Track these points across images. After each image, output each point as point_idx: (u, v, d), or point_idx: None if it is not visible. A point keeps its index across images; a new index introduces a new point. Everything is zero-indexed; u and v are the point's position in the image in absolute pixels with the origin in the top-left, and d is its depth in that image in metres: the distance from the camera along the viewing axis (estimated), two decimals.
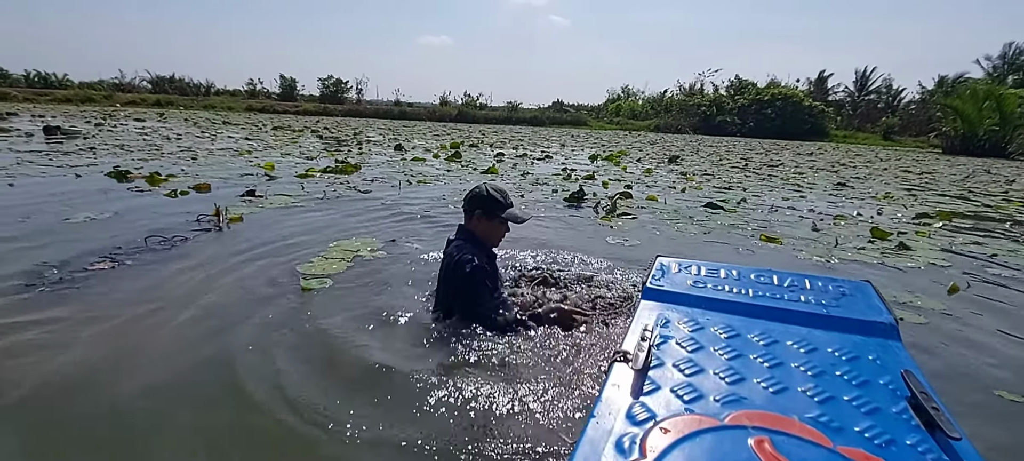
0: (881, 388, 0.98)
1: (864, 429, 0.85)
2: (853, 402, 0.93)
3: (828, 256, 3.60)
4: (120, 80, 39.11)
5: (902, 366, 1.04)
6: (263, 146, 10.01)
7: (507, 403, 1.53)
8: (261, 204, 4.35)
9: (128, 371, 1.67)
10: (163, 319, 2.05)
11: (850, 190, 7.64)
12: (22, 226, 3.31)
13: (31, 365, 1.67)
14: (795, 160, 13.76)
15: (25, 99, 28.93)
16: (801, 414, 0.89)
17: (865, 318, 1.27)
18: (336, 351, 1.85)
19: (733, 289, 1.43)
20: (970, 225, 5.17)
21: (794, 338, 1.17)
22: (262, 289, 2.39)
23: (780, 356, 1.09)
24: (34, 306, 2.10)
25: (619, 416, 0.87)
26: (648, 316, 1.28)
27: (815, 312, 1.30)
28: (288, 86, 40.69)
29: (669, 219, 4.65)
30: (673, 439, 0.81)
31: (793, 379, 1.00)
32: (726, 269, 1.59)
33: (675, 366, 1.04)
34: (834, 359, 1.09)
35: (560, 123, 37.15)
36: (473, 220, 2.13)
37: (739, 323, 1.25)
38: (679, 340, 1.15)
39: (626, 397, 0.93)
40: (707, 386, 0.97)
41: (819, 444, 0.81)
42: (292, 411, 1.48)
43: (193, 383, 1.63)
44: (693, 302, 1.37)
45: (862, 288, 1.47)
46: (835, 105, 38.88)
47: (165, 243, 3.02)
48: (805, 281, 1.51)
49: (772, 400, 0.93)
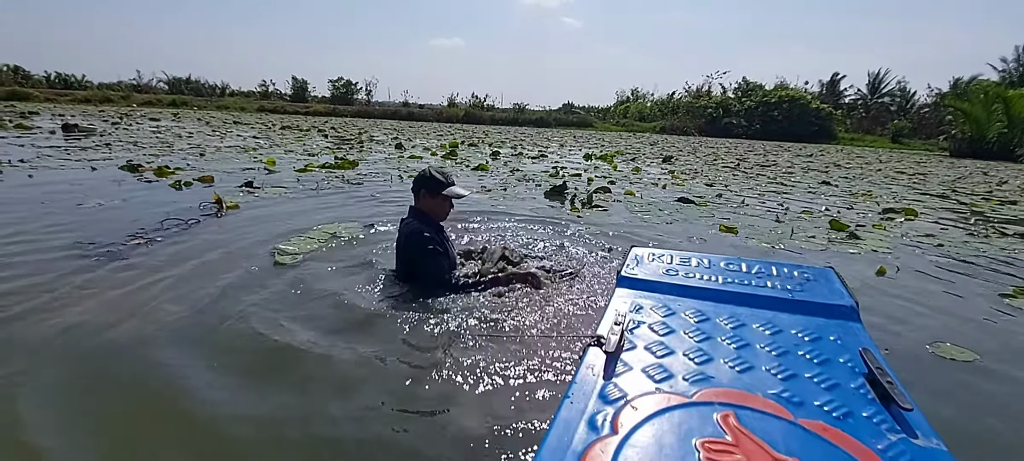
0: (841, 366, 1.04)
1: (824, 403, 0.90)
2: (814, 379, 0.98)
3: (774, 244, 3.86)
4: (138, 81, 40.20)
5: (861, 345, 1.10)
6: (269, 144, 10.43)
7: (479, 383, 1.60)
8: (257, 195, 4.71)
9: (152, 320, 2.01)
10: (176, 282, 2.40)
11: (832, 188, 7.85)
12: (41, 209, 3.69)
13: (106, 313, 2.02)
14: (791, 161, 13.91)
15: (46, 99, 29.91)
16: (765, 390, 0.93)
17: (827, 301, 1.34)
18: (292, 312, 2.14)
19: (703, 276, 1.50)
20: (933, 220, 5.38)
21: (760, 321, 1.23)
22: (243, 263, 2.72)
23: (746, 338, 1.15)
24: (89, 269, 2.49)
25: (593, 396, 0.91)
26: (622, 302, 1.34)
27: (780, 297, 1.37)
28: (299, 87, 41.47)
29: (639, 211, 4.93)
30: (643, 416, 0.85)
31: (758, 359, 1.05)
32: (697, 258, 1.66)
33: (647, 349, 1.09)
34: (797, 340, 1.15)
35: (566, 125, 37.41)
36: (420, 199, 2.44)
37: (708, 308, 1.31)
38: (651, 324, 1.20)
39: (599, 378, 0.96)
40: (676, 367, 1.01)
41: (781, 417, 0.85)
42: (246, 354, 1.80)
43: (189, 326, 1.95)
44: (665, 289, 1.43)
45: (825, 274, 1.55)
46: (846, 108, 38.72)
47: (181, 225, 3.39)
48: (772, 268, 1.59)
49: (738, 378, 0.98)
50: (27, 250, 2.73)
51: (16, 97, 29.12)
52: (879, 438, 0.81)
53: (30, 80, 36.13)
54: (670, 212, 4.94)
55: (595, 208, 4.96)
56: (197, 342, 1.84)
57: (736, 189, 7.08)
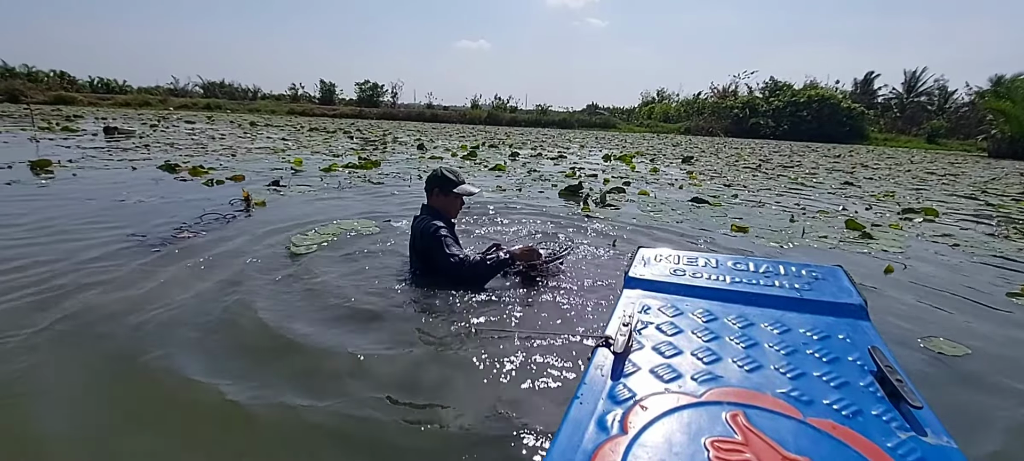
0: (850, 364, 1.03)
1: (833, 401, 0.89)
2: (823, 377, 0.98)
3: (783, 243, 3.90)
4: (174, 85, 41.76)
5: (870, 343, 1.10)
6: (297, 145, 10.81)
7: (485, 381, 1.65)
8: (283, 193, 4.96)
9: (179, 305, 2.22)
10: (208, 270, 2.62)
11: (854, 189, 7.74)
12: (89, 206, 3.99)
13: (145, 299, 2.24)
14: (817, 162, 13.66)
15: (90, 103, 31.40)
16: (774, 390, 0.93)
17: (836, 300, 1.34)
18: (300, 295, 2.33)
19: (711, 276, 1.49)
20: (954, 221, 5.30)
21: (768, 320, 1.23)
22: (263, 251, 2.94)
23: (755, 337, 1.14)
24: (140, 257, 2.74)
25: (602, 396, 0.91)
26: (629, 303, 1.33)
27: (789, 296, 1.36)
28: (327, 90, 42.44)
29: (651, 210, 5.00)
30: (653, 416, 0.85)
31: (767, 358, 1.05)
32: (705, 258, 1.65)
33: (655, 349, 1.08)
34: (806, 339, 1.14)
35: (589, 126, 37.33)
36: (433, 196, 2.60)
37: (716, 308, 1.30)
38: (659, 325, 1.20)
39: (608, 379, 0.96)
40: (685, 366, 1.01)
41: (790, 416, 0.85)
42: (255, 335, 1.98)
43: (210, 310, 2.15)
44: (672, 289, 1.43)
45: (834, 272, 1.54)
46: (880, 108, 37.61)
47: (219, 219, 3.66)
48: (780, 267, 1.58)
49: (747, 378, 0.98)
50: (81, 241, 2.99)
51: (62, 101, 30.65)
52: (889, 436, 0.81)
53: (75, 85, 37.94)
54: (682, 212, 5.00)
55: (608, 207, 5.05)
56: (214, 327, 2.01)
57: (754, 190, 7.06)
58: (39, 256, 2.68)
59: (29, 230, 3.17)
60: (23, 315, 2.00)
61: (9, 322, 1.93)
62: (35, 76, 36.45)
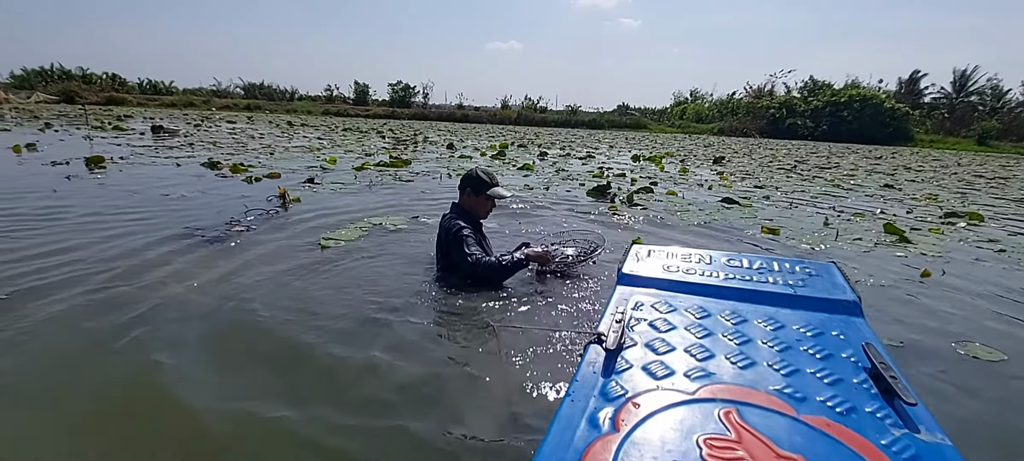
0: (843, 361, 1.03)
1: (827, 398, 0.89)
2: (817, 374, 0.97)
3: (815, 245, 3.81)
4: (217, 87, 43.33)
5: (864, 340, 1.09)
6: (331, 144, 11.11)
7: (484, 378, 1.68)
8: (317, 190, 5.14)
9: (215, 294, 2.36)
10: (258, 258, 2.78)
11: (894, 192, 7.46)
12: (138, 199, 4.24)
13: (235, 279, 2.40)
14: (856, 164, 13.19)
15: (139, 103, 32.94)
16: (767, 386, 0.92)
17: (830, 296, 1.33)
18: (326, 288, 2.43)
19: (704, 273, 1.48)
20: (1002, 226, 5.06)
21: (762, 317, 1.22)
22: (296, 243, 3.09)
23: (748, 334, 1.13)
24: (198, 248, 2.92)
25: (594, 394, 0.90)
26: (622, 299, 1.32)
27: (782, 292, 1.35)
28: (361, 91, 43.28)
29: (679, 210, 4.96)
30: (645, 413, 0.84)
31: (760, 355, 1.04)
32: (699, 254, 1.64)
33: (647, 345, 1.08)
34: (800, 335, 1.13)
35: (619, 127, 36.96)
36: (464, 196, 2.66)
37: (709, 304, 1.29)
38: (651, 321, 1.19)
39: (600, 376, 0.96)
40: (678, 363, 1.00)
41: (784, 413, 0.84)
42: (283, 324, 2.09)
43: (241, 301, 2.28)
44: (665, 285, 1.41)
45: (827, 269, 1.53)
46: (926, 108, 35.99)
47: (263, 214, 3.84)
48: (774, 263, 1.57)
49: (739, 374, 0.97)
50: (136, 231, 3.19)
51: (114, 102, 32.24)
52: (883, 433, 0.80)
53: (126, 86, 39.83)
54: (710, 212, 4.94)
55: (635, 207, 5.04)
56: (240, 322, 2.12)
57: (787, 191, 6.89)
58: (101, 244, 2.89)
59: (89, 219, 3.41)
60: (101, 301, 2.16)
61: (85, 305, 2.09)
62: (89, 78, 38.44)
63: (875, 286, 2.89)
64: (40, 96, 30.40)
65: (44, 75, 37.73)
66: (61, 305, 2.09)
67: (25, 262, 2.54)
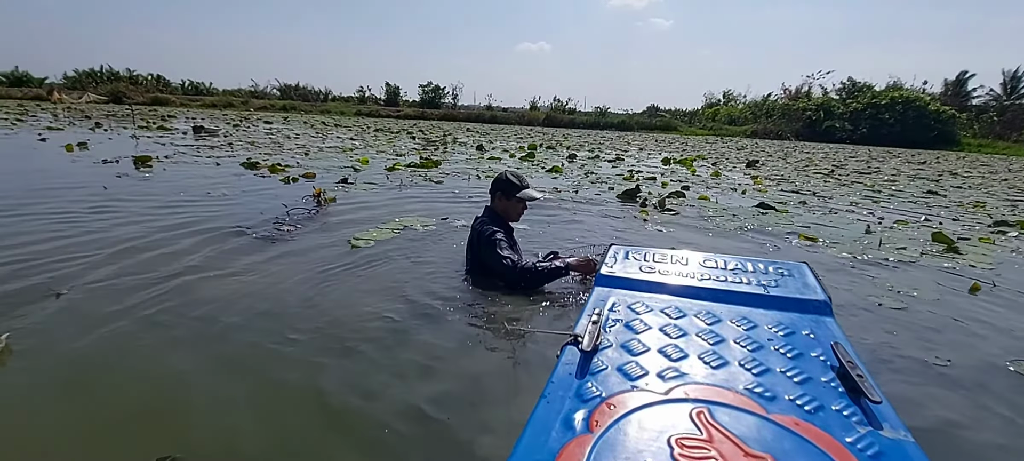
0: (813, 360, 1.05)
1: (796, 397, 0.91)
2: (787, 373, 0.99)
3: (858, 254, 3.69)
4: (255, 88, 44.74)
5: (833, 339, 1.11)
6: (363, 145, 11.33)
7: (464, 380, 1.71)
8: (350, 190, 5.25)
9: (248, 293, 2.44)
10: (294, 257, 2.86)
11: (939, 198, 7.15)
12: (183, 196, 4.41)
13: (288, 276, 2.50)
14: (898, 168, 12.70)
15: (181, 104, 34.30)
16: (738, 386, 0.95)
17: (801, 296, 1.36)
18: (355, 289, 2.48)
19: (680, 274, 1.51)
20: None
21: (734, 317, 1.24)
22: (329, 243, 3.17)
23: (721, 334, 1.16)
24: (235, 246, 3.04)
25: (569, 395, 0.92)
26: (599, 301, 1.35)
27: (755, 292, 1.38)
28: (392, 93, 44.01)
29: (712, 216, 4.88)
30: (619, 414, 0.85)
31: (732, 354, 1.06)
32: (676, 255, 1.67)
33: (623, 346, 1.09)
34: (771, 335, 1.16)
35: (649, 128, 36.53)
36: (496, 200, 2.67)
37: (684, 305, 1.31)
38: (628, 322, 1.21)
39: (575, 377, 0.97)
40: (652, 364, 1.02)
41: (754, 412, 0.87)
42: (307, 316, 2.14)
43: (302, 289, 2.36)
44: (642, 287, 1.44)
45: (800, 269, 1.56)
46: (974, 111, 34.36)
47: (304, 213, 3.96)
48: (748, 264, 1.59)
49: (712, 374, 0.99)
50: (181, 228, 3.33)
51: (158, 102, 33.68)
52: (848, 431, 0.83)
53: (169, 88, 41.54)
54: (744, 218, 4.83)
55: (667, 211, 4.97)
56: (277, 319, 2.19)
57: (825, 196, 6.69)
58: (149, 237, 3.02)
59: (140, 217, 3.56)
60: (148, 297, 2.27)
61: (147, 296, 2.20)
62: (135, 79, 40.26)
63: (920, 298, 2.78)
64: (90, 96, 32.02)
65: (94, 76, 39.73)
66: (115, 298, 2.19)
67: (81, 258, 2.68)
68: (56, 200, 3.99)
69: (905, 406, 1.70)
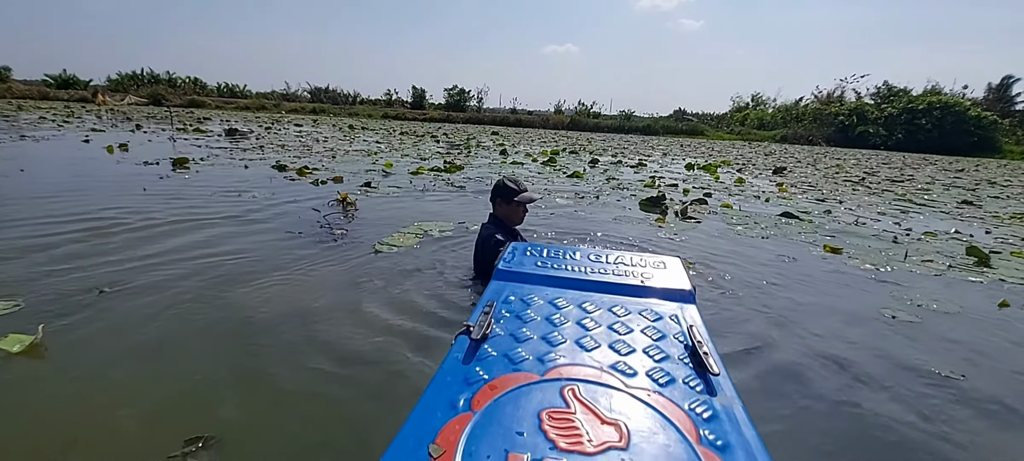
0: (671, 340, 1.20)
1: (652, 372, 1.05)
2: (648, 352, 1.14)
3: (882, 266, 3.64)
4: (286, 91, 45.94)
5: (690, 323, 1.28)
6: (388, 148, 11.55)
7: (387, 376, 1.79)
8: (373, 194, 5.40)
9: (284, 298, 2.57)
10: (318, 263, 2.99)
11: (974, 209, 6.93)
12: (218, 198, 4.62)
13: (341, 276, 2.65)
14: (932, 176, 12.30)
15: (216, 106, 35.43)
16: (605, 364, 1.07)
17: (669, 286, 1.53)
18: (372, 297, 2.60)
19: (569, 267, 1.66)
20: None
21: (609, 305, 1.38)
22: (352, 248, 3.29)
23: (598, 320, 1.29)
24: (278, 251, 3.19)
25: (456, 380, 1.00)
26: (494, 293, 1.46)
27: (630, 283, 1.54)
28: (418, 96, 44.61)
29: (735, 224, 4.85)
30: (498, 394, 0.94)
31: (605, 338, 1.19)
32: (568, 251, 1.84)
33: (510, 334, 1.20)
34: (640, 320, 1.31)
35: (675, 133, 36.11)
36: (496, 206, 2.77)
37: (568, 295, 1.45)
38: (517, 313, 1.32)
39: (463, 363, 1.06)
40: (532, 349, 1.13)
41: (614, 386, 0.99)
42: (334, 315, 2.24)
43: (327, 289, 2.48)
44: (533, 280, 1.57)
45: (673, 263, 1.74)
46: (1019, 117, 32.92)
47: (329, 216, 4.12)
48: (628, 257, 1.78)
49: (585, 356, 1.11)
50: (213, 228, 3.51)
51: (194, 104, 34.87)
52: (690, 398, 0.97)
53: (206, 90, 42.97)
54: (767, 227, 4.80)
55: (689, 219, 4.97)
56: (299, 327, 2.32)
57: (852, 205, 6.56)
58: (186, 237, 3.20)
59: (178, 217, 3.76)
60: (187, 297, 2.42)
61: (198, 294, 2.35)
62: (174, 82, 41.79)
63: (941, 313, 2.75)
64: (132, 98, 33.39)
65: (136, 79, 41.38)
66: (153, 297, 2.35)
67: (125, 259, 2.86)
68: (99, 201, 4.22)
69: (905, 418, 1.71)
